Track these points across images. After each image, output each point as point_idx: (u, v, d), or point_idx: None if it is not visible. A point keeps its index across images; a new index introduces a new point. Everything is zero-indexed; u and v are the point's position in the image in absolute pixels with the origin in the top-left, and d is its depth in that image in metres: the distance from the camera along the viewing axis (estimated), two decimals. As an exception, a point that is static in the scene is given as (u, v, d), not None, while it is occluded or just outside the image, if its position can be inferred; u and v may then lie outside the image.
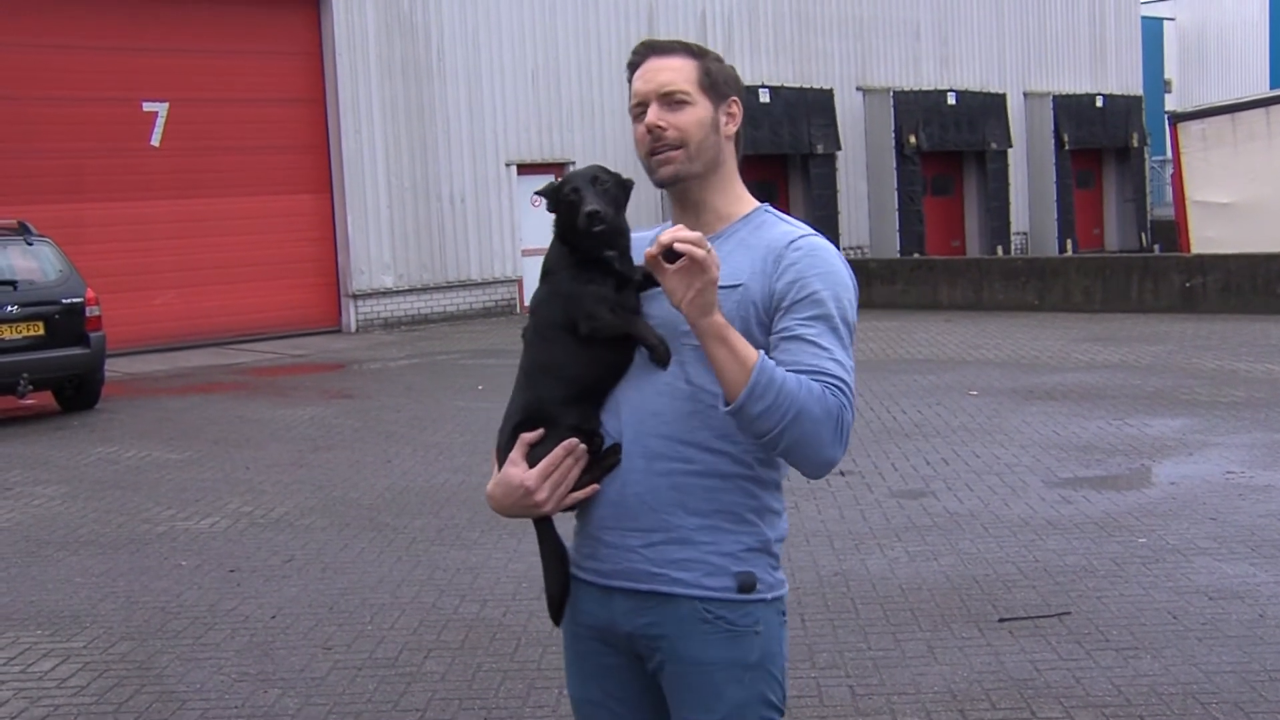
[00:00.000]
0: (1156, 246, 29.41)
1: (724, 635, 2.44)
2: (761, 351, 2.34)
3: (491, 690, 5.11)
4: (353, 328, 20.01)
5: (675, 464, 2.43)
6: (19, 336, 12.14)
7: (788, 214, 2.59)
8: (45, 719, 5.00)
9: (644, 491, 2.44)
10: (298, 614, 6.16)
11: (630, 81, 2.56)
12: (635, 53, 2.57)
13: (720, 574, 2.44)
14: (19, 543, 7.74)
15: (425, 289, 20.85)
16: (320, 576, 6.77)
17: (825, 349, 2.37)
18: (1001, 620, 5.67)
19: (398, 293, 20.51)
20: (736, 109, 2.55)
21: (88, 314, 12.61)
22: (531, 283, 21.37)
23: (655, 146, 2.49)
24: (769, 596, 2.49)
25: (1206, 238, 22.22)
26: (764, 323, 2.43)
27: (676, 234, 2.29)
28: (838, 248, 2.63)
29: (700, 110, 2.49)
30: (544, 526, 2.57)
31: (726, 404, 2.34)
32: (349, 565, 6.96)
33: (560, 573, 2.57)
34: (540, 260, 2.61)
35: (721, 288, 2.37)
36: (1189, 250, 22.02)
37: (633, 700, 2.57)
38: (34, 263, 12.62)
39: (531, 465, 2.46)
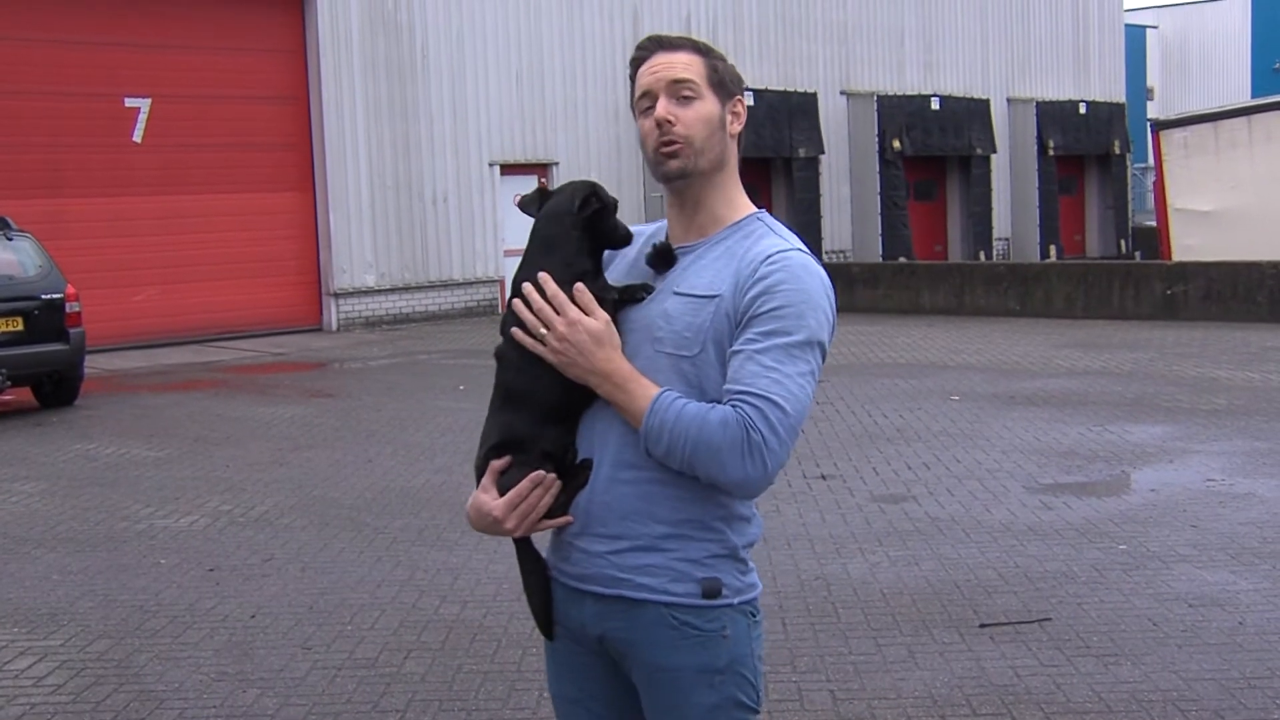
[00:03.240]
0: (1138, 254, 29.52)
1: (691, 641, 2.43)
2: (660, 391, 2.37)
3: (472, 692, 5.09)
4: (334, 326, 19.96)
5: (643, 473, 2.42)
6: (-2, 332, 12.09)
7: (781, 222, 2.56)
8: (21, 718, 4.96)
9: (611, 499, 2.44)
10: (277, 613, 6.13)
11: (634, 78, 2.52)
12: (641, 47, 2.53)
13: (685, 580, 2.43)
14: (-4, 540, 7.70)
15: (407, 288, 20.81)
16: (300, 576, 6.75)
17: (768, 366, 2.33)
18: (982, 626, 5.68)
19: (379, 292, 20.46)
20: (741, 108, 2.53)
21: (67, 310, 12.56)
22: (514, 283, 21.46)
23: (662, 140, 2.46)
24: (735, 601, 2.47)
25: (1187, 245, 22.30)
26: (734, 336, 2.42)
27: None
28: (820, 252, 2.61)
29: (708, 105, 2.47)
30: (521, 544, 2.58)
31: None
32: (329, 565, 6.93)
33: (542, 589, 2.57)
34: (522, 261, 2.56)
35: (699, 297, 2.42)
36: (1170, 258, 22.09)
37: (607, 699, 2.57)
38: (13, 257, 12.56)
39: (502, 492, 2.46)
